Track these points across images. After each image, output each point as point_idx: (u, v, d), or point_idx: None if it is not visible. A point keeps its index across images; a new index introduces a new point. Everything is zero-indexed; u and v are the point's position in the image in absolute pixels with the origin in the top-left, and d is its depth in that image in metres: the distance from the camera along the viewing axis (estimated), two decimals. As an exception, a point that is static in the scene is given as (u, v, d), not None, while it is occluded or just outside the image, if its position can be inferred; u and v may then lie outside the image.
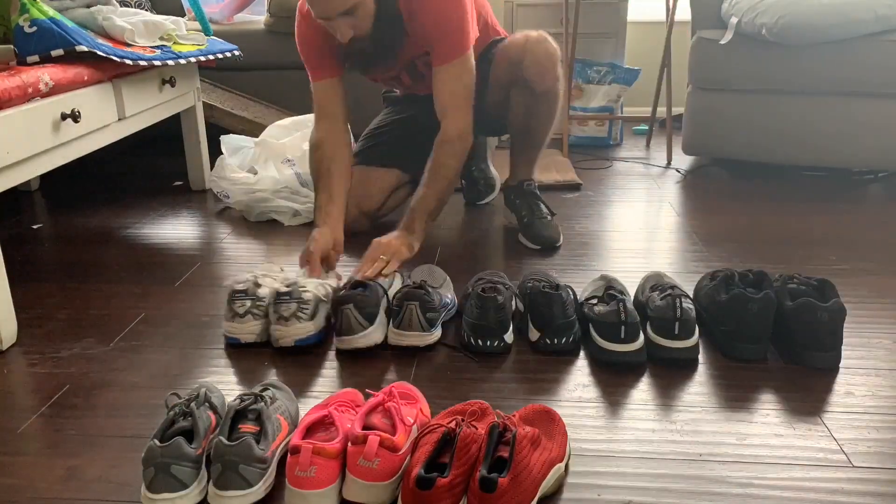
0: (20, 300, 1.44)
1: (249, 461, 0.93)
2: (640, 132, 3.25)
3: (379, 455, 0.92)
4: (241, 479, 0.93)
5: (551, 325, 1.30)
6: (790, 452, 1.03)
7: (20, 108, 1.39)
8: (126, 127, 1.84)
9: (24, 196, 2.33)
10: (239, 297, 1.34)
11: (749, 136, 2.45)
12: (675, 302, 1.28)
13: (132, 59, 1.73)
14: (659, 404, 1.15)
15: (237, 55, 2.26)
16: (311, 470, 0.91)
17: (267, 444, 0.96)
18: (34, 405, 1.17)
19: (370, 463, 0.91)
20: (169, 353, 1.33)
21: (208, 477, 0.96)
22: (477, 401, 1.06)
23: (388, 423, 0.99)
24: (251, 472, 0.93)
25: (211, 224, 2.04)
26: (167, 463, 0.91)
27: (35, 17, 1.54)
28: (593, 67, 3.03)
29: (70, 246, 1.88)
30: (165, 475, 0.91)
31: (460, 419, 0.96)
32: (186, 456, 0.93)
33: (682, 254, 1.80)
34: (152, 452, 0.92)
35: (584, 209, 2.16)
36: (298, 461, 0.91)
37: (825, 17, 2.22)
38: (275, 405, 1.04)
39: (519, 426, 0.94)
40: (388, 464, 0.93)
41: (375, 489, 0.92)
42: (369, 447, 0.91)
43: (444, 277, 1.53)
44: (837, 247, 1.82)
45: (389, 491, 0.93)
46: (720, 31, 2.46)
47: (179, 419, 0.98)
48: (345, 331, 1.31)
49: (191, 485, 0.93)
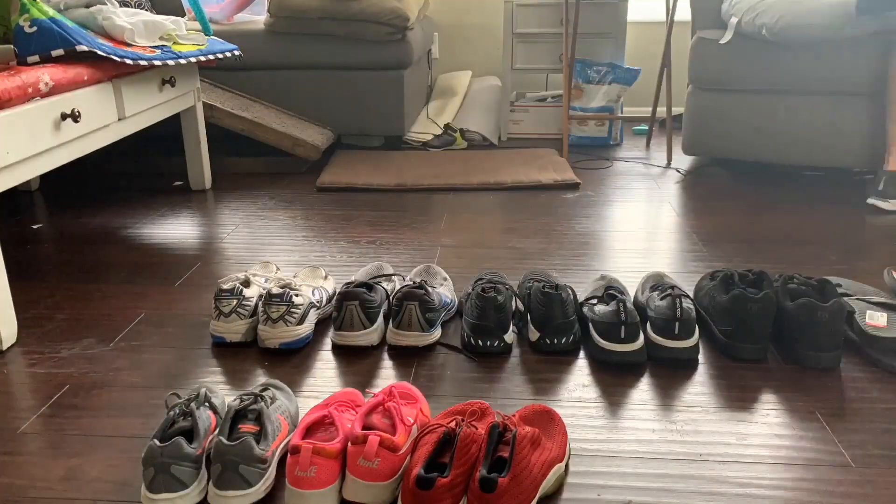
0: (20, 300, 1.44)
1: (249, 461, 0.93)
2: (640, 132, 3.26)
3: (379, 455, 0.92)
4: (241, 479, 0.93)
5: (551, 325, 1.30)
6: (790, 452, 1.03)
7: (20, 108, 1.39)
8: (126, 127, 1.84)
9: (24, 196, 2.33)
10: (225, 296, 1.34)
11: (749, 136, 2.45)
12: (675, 302, 1.28)
13: (132, 58, 1.73)
14: (659, 404, 1.15)
15: (237, 55, 2.26)
16: (311, 470, 0.91)
17: (267, 444, 0.96)
18: (34, 405, 1.17)
19: (370, 463, 0.92)
20: (169, 353, 1.33)
21: (208, 477, 0.96)
22: (477, 401, 1.06)
23: (388, 423, 0.99)
24: (251, 473, 0.93)
25: (211, 224, 2.04)
26: (167, 463, 0.91)
27: (35, 17, 1.54)
28: (593, 67, 3.03)
29: (70, 246, 1.89)
30: (165, 475, 0.91)
31: (460, 419, 0.96)
32: (186, 456, 0.93)
33: (682, 254, 1.80)
34: (152, 452, 0.92)
35: (584, 209, 2.16)
36: (298, 461, 0.91)
37: (825, 17, 2.22)
38: (275, 405, 1.04)
39: (519, 426, 0.94)
40: (388, 464, 0.93)
41: (375, 489, 0.92)
42: (369, 447, 0.91)
43: (444, 277, 1.53)
44: (837, 247, 1.82)
45: (389, 491, 0.93)
46: (720, 31, 2.46)
47: (179, 419, 0.98)
48: (346, 326, 1.31)
49: (191, 485, 0.93)
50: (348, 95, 2.77)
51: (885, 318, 1.31)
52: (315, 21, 2.68)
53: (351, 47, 2.71)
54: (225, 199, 2.18)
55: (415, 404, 1.07)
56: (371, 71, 2.75)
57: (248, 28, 2.85)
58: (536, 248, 1.84)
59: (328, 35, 2.71)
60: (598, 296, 1.37)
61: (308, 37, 2.72)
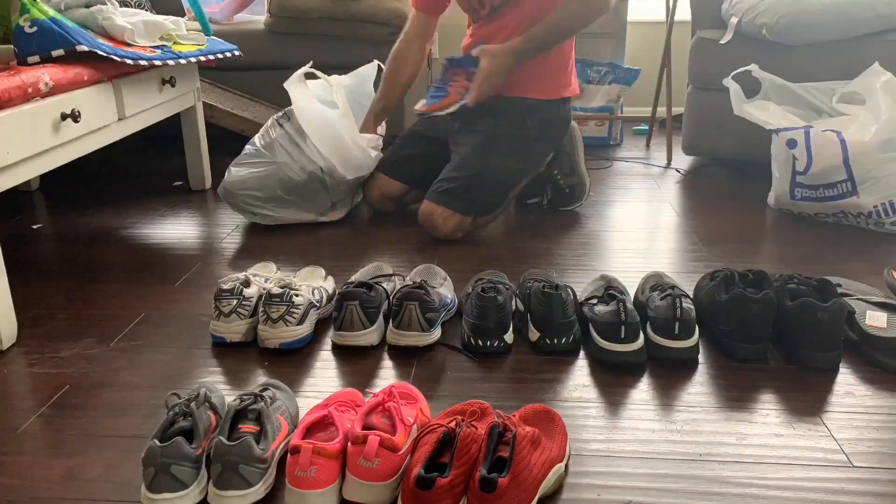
0: (20, 300, 1.44)
1: (249, 461, 0.93)
2: (640, 132, 3.26)
3: (379, 455, 0.92)
4: (241, 479, 0.93)
5: (551, 325, 1.30)
6: (790, 452, 1.03)
7: (20, 108, 1.39)
8: (126, 127, 1.84)
9: (24, 196, 2.33)
10: (225, 296, 1.34)
11: (749, 136, 2.44)
12: (675, 302, 1.28)
13: (132, 58, 1.73)
14: (659, 404, 1.15)
15: (237, 55, 2.26)
16: (311, 470, 0.91)
17: (267, 444, 0.96)
18: (34, 405, 1.17)
19: (370, 463, 0.92)
20: (169, 353, 1.33)
21: (208, 477, 0.96)
22: (477, 401, 1.06)
23: (388, 423, 0.99)
24: (251, 472, 0.93)
25: (211, 224, 2.04)
26: (167, 463, 0.91)
27: (35, 17, 1.54)
28: (593, 67, 3.02)
29: (70, 246, 1.89)
30: (165, 475, 0.91)
31: (460, 419, 0.96)
32: (186, 456, 0.93)
33: (682, 254, 1.80)
34: (152, 452, 0.92)
35: (584, 209, 2.16)
36: (298, 461, 0.91)
37: (825, 17, 2.22)
38: (275, 405, 1.04)
39: (519, 426, 0.94)
40: (388, 464, 0.93)
41: (375, 489, 0.92)
42: (369, 447, 0.91)
43: (444, 277, 1.53)
44: (837, 247, 1.82)
45: (389, 491, 0.93)
46: (720, 31, 2.46)
47: (179, 419, 0.98)
48: (346, 326, 1.31)
49: (191, 485, 0.93)
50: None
51: (885, 318, 1.31)
52: (315, 21, 2.68)
53: (351, 47, 2.71)
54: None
55: (415, 404, 1.07)
56: (371, 71, 2.74)
57: (248, 28, 2.85)
58: (536, 248, 1.84)
59: (328, 35, 2.71)
60: (598, 296, 1.37)
61: (308, 37, 2.72)
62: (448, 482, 0.86)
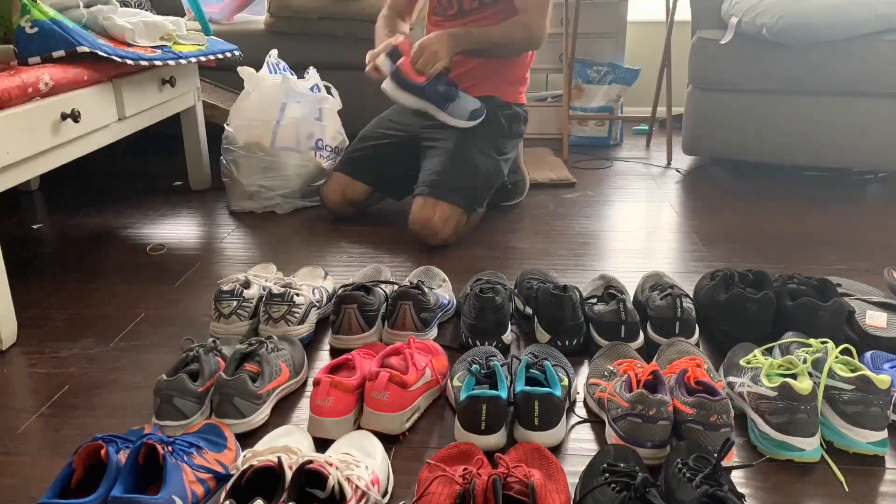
0: (20, 300, 1.44)
1: (244, 395, 1.06)
2: (640, 132, 3.26)
3: (388, 389, 1.05)
4: (235, 409, 1.06)
5: (562, 326, 1.30)
6: (790, 452, 1.03)
7: (20, 108, 1.39)
8: (126, 127, 1.84)
9: (24, 196, 2.33)
10: (225, 297, 1.34)
11: (749, 136, 2.45)
12: (675, 302, 1.28)
13: (133, 59, 1.73)
14: (658, 404, 1.15)
15: (237, 55, 2.26)
16: (328, 400, 1.05)
17: (263, 382, 1.10)
18: (34, 405, 1.17)
19: (381, 395, 1.05)
20: (169, 353, 1.33)
21: (212, 411, 1.08)
22: (462, 442, 1.00)
23: (403, 365, 1.12)
24: (245, 405, 1.07)
25: (211, 224, 2.04)
26: (170, 395, 1.05)
27: (36, 18, 1.54)
28: (593, 67, 3.03)
29: (70, 246, 1.89)
30: (169, 405, 1.06)
31: (463, 469, 0.88)
32: (189, 391, 1.07)
33: (681, 254, 1.80)
34: (159, 384, 1.07)
35: (584, 209, 2.16)
36: (318, 392, 1.05)
37: (825, 17, 2.22)
38: (279, 353, 1.17)
39: (530, 474, 0.86)
40: (397, 398, 1.06)
41: (385, 419, 1.06)
42: (380, 381, 1.05)
43: (443, 279, 1.53)
44: (837, 247, 1.82)
45: (399, 422, 1.06)
46: (720, 31, 2.46)
47: (191, 363, 1.13)
48: (343, 329, 1.31)
49: (192, 416, 1.06)
50: (348, 95, 2.77)
51: (885, 318, 1.31)
52: (315, 21, 2.68)
53: (351, 47, 2.70)
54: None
55: (428, 355, 1.17)
56: (371, 71, 2.74)
57: (248, 28, 2.85)
58: (536, 248, 1.84)
59: (328, 35, 2.71)
60: (598, 295, 1.37)
61: (308, 37, 2.72)
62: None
